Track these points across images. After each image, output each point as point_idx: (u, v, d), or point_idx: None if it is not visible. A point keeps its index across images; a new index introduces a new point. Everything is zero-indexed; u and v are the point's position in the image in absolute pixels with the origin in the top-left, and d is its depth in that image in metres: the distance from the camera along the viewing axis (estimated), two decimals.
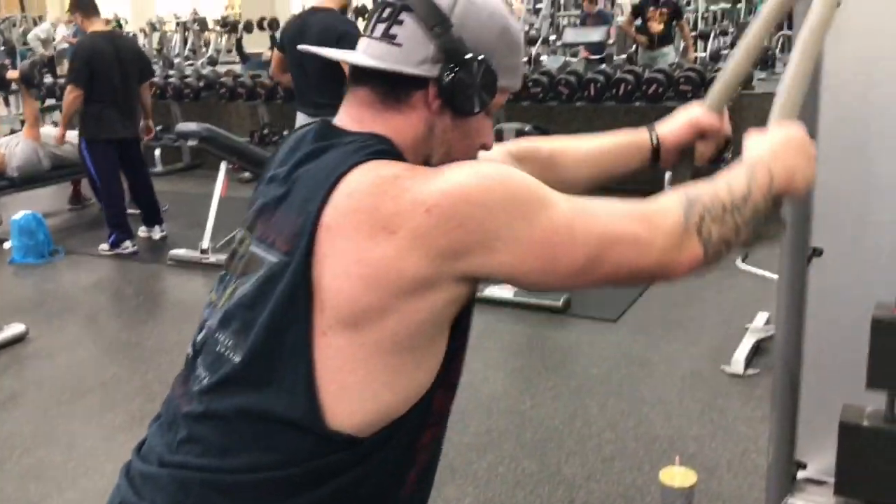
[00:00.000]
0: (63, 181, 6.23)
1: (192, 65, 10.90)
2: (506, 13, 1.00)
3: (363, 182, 0.90)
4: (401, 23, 0.96)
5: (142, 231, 5.46)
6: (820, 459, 2.07)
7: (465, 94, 0.95)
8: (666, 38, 8.16)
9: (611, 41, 9.71)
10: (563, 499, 2.51)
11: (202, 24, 13.25)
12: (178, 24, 14.29)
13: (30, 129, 5.64)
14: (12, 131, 6.17)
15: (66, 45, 13.44)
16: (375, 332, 0.89)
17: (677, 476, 2.21)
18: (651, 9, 8.18)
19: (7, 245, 5.25)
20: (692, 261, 0.95)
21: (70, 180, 6.29)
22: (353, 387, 0.91)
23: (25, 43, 14.80)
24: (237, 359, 0.94)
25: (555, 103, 6.03)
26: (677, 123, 1.32)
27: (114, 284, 4.77)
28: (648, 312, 3.90)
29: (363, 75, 1.00)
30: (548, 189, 0.93)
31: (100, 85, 4.91)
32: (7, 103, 11.32)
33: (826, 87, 1.86)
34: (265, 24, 10.44)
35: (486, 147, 1.05)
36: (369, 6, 11.54)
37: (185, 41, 13.23)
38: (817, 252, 1.97)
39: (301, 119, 4.08)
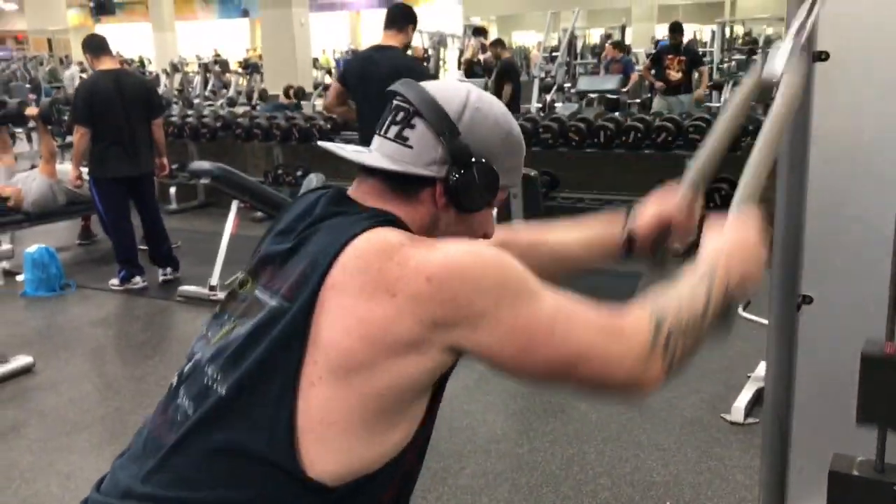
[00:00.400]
0: (76, 217, 6.32)
1: (211, 105, 11.10)
2: (509, 119, 1.09)
3: (372, 246, 0.96)
4: (413, 127, 1.04)
5: (161, 275, 5.42)
6: None
7: (469, 193, 1.04)
8: (685, 87, 8.24)
9: (625, 89, 9.83)
10: None
11: (223, 65, 13.54)
12: (200, 65, 14.61)
13: (45, 165, 5.75)
14: (32, 167, 6.27)
15: None
16: (363, 387, 0.94)
17: None
18: (669, 56, 8.31)
19: (20, 278, 5.32)
20: (654, 381, 1.00)
21: (80, 216, 6.38)
22: (332, 439, 0.94)
23: (51, 81, 15.14)
24: (222, 391, 0.97)
25: (565, 149, 6.09)
26: (649, 217, 1.35)
27: (122, 319, 4.82)
28: None
29: (375, 170, 1.07)
30: (538, 283, 0.99)
31: (102, 123, 4.92)
32: (29, 139, 11.56)
33: (815, 139, 1.88)
34: (291, 93, 10.58)
35: (488, 236, 1.13)
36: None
37: (205, 82, 13.51)
38: (807, 300, 1.99)
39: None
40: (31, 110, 6.01)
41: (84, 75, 14.86)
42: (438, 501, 2.75)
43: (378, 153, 1.07)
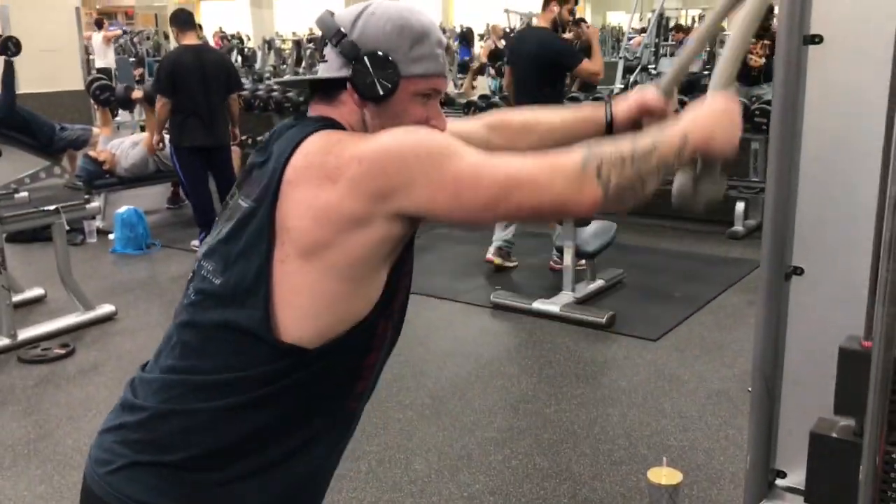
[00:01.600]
0: (165, 182, 6.76)
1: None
2: (407, 16, 1.24)
3: (315, 145, 1.17)
4: (325, 45, 1.25)
5: None
6: (801, 470, 2.17)
7: (366, 83, 1.20)
8: (766, 74, 7.73)
9: (706, 72, 9.69)
10: (567, 493, 2.67)
11: (317, 42, 13.89)
12: (293, 42, 15.05)
13: (148, 141, 6.19)
14: (133, 132, 6.75)
15: None
16: (321, 262, 1.14)
17: (664, 475, 2.35)
18: (752, 40, 7.95)
19: (111, 236, 5.77)
20: (591, 199, 1.13)
21: (171, 182, 6.81)
22: (301, 307, 1.15)
23: (154, 55, 15.83)
24: (217, 281, 1.20)
25: (637, 131, 6.14)
26: (627, 103, 1.52)
27: None
28: (691, 334, 3.99)
29: (314, 87, 1.29)
30: (461, 145, 1.16)
31: (182, 95, 5.25)
32: (131, 111, 12.23)
33: (807, 115, 1.98)
34: None
35: (438, 128, 1.26)
36: None
37: (298, 59, 13.94)
38: (798, 271, 2.09)
39: None
40: (137, 93, 6.43)
41: None
42: (464, 450, 2.95)
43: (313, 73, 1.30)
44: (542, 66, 4.83)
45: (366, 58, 1.20)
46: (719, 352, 3.78)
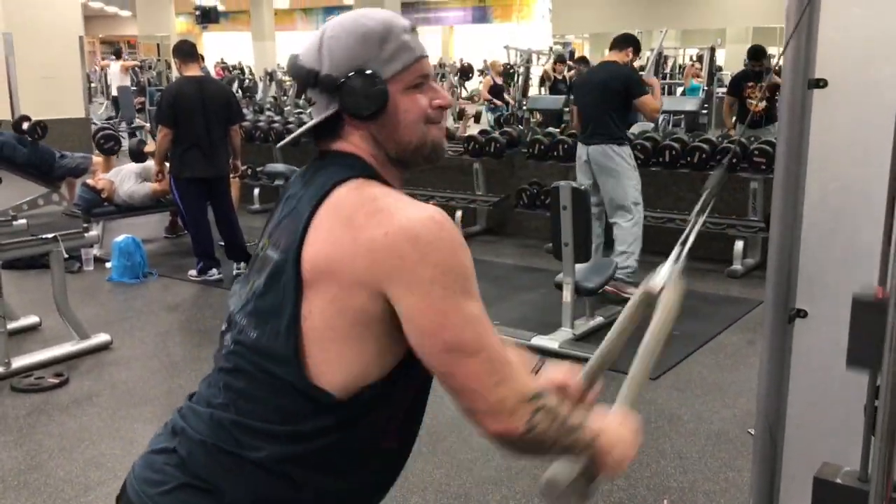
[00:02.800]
0: (163, 211, 6.76)
1: (302, 113, 11.54)
2: (361, 20, 1.21)
3: (347, 197, 1.16)
4: (306, 89, 1.23)
5: (235, 269, 5.75)
6: None
7: (359, 104, 1.18)
8: (769, 117, 7.34)
9: (704, 111, 9.78)
10: None
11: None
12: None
13: (161, 189, 6.23)
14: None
15: None
16: (336, 299, 1.12)
17: None
18: (749, 84, 7.58)
19: (108, 264, 5.75)
20: (509, 429, 1.12)
21: (169, 211, 6.82)
22: (330, 352, 1.14)
23: (155, 84, 15.91)
24: (253, 335, 1.20)
25: None
26: (549, 379, 1.43)
27: (195, 306, 5.16)
28: (691, 373, 3.97)
29: (316, 133, 1.26)
30: (474, 283, 1.14)
31: (184, 126, 5.26)
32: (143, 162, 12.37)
33: (813, 159, 1.99)
34: None
35: (441, 107, 1.25)
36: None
37: (299, 91, 14.02)
38: (801, 313, 2.08)
39: (580, 150, 5.31)
40: (150, 147, 6.47)
41: None
42: (461, 489, 2.92)
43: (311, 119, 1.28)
44: (610, 91, 5.08)
45: (346, 82, 1.18)
46: (719, 392, 3.75)
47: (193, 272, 5.66)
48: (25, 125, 7.24)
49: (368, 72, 1.18)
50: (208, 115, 5.35)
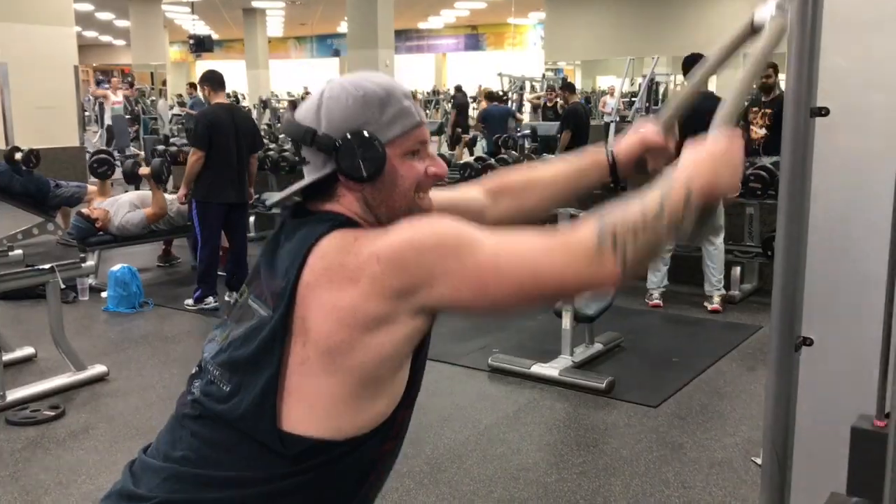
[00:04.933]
0: (157, 240, 6.74)
1: None
2: (363, 84, 1.20)
3: (332, 246, 1.14)
4: (300, 147, 1.22)
5: (227, 296, 5.74)
6: None
7: (356, 165, 1.17)
8: (767, 146, 6.42)
9: None
10: None
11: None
12: (289, 102, 15.24)
13: (151, 213, 6.23)
14: (127, 190, 6.77)
15: (180, 114, 14.51)
16: (345, 364, 1.11)
17: None
18: (753, 109, 6.97)
19: (104, 294, 5.72)
20: (611, 276, 1.11)
21: (163, 240, 6.81)
22: (321, 407, 1.13)
23: (148, 112, 15.94)
24: (226, 389, 1.18)
25: (627, 192, 6.19)
26: (628, 141, 1.50)
27: (191, 337, 5.12)
28: (692, 401, 3.95)
29: (307, 192, 1.25)
30: (475, 232, 1.13)
31: (216, 151, 5.35)
32: (137, 186, 12.35)
33: (816, 186, 1.99)
34: None
35: (436, 176, 1.24)
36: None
37: None
38: (807, 342, 2.07)
39: None
40: (144, 170, 6.47)
41: (178, 109, 15.68)
42: None
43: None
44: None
45: (344, 143, 1.16)
46: (721, 420, 3.73)
47: (190, 301, 5.62)
48: (18, 155, 7.23)
49: (367, 134, 1.17)
50: (239, 141, 5.47)
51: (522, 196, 1.48)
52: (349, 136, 1.16)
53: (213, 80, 5.60)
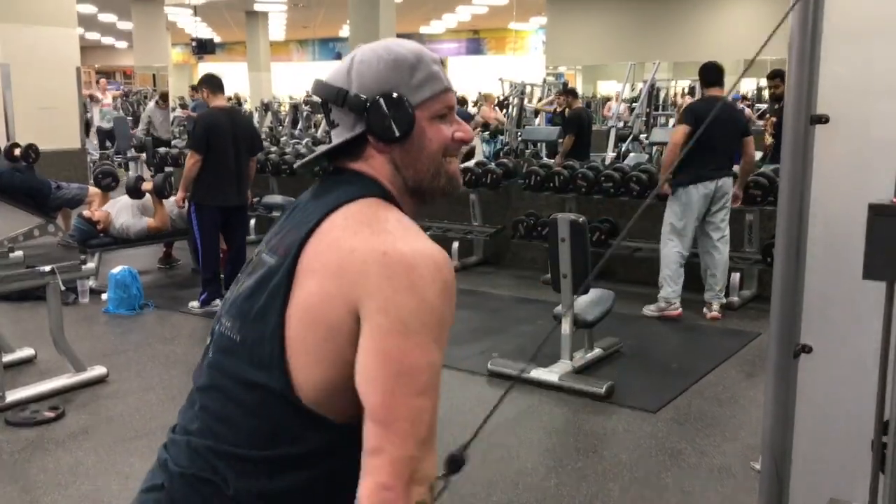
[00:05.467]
0: (157, 243, 6.75)
1: (298, 143, 11.57)
2: (394, 49, 1.23)
3: (359, 211, 1.16)
4: (330, 110, 1.24)
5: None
6: None
7: (385, 125, 1.19)
8: (776, 155, 6.61)
9: None
10: None
11: (314, 106, 14.05)
12: (290, 105, 15.25)
13: (154, 226, 6.26)
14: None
15: (183, 117, 14.52)
16: (326, 321, 1.10)
17: None
18: (767, 117, 7.20)
19: (104, 296, 5.72)
20: (395, 498, 1.05)
21: (164, 242, 6.83)
22: (313, 370, 1.12)
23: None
24: (237, 337, 1.18)
25: (626, 198, 6.21)
26: None
27: (191, 339, 5.13)
28: (690, 406, 3.95)
29: (336, 155, 1.27)
30: (446, 335, 1.11)
31: (214, 154, 5.36)
32: (127, 168, 12.34)
33: (816, 198, 2.00)
34: None
35: (462, 140, 1.25)
36: None
37: (294, 121, 14.10)
38: (806, 349, 2.08)
39: (708, 184, 5.28)
40: (147, 185, 6.48)
41: (180, 111, 15.67)
42: None
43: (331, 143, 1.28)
44: (738, 128, 5.36)
45: (376, 102, 1.19)
46: (719, 425, 3.74)
47: (195, 304, 5.62)
48: (17, 151, 7.24)
49: (397, 95, 1.19)
50: (237, 144, 5.48)
51: None
52: (379, 97, 1.19)
53: (212, 84, 5.60)
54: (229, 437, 1.16)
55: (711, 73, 5.32)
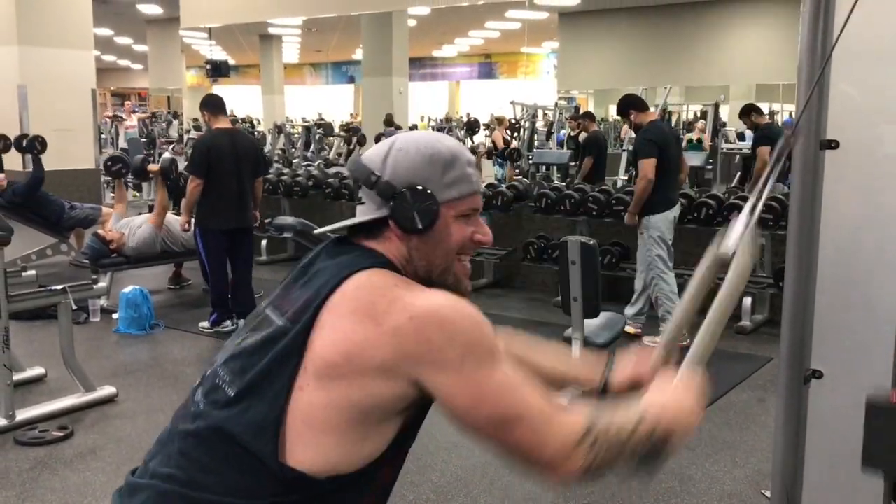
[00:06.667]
0: (169, 263, 6.78)
1: (310, 165, 11.62)
2: (433, 144, 1.26)
3: (369, 282, 1.17)
4: (360, 188, 1.28)
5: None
6: None
7: (408, 215, 1.23)
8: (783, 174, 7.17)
9: (709, 166, 9.86)
10: None
11: (327, 128, 14.15)
12: (303, 127, 15.34)
13: (156, 216, 6.25)
14: (139, 213, 6.81)
15: (195, 139, 14.63)
16: (339, 396, 1.12)
17: None
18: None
19: (115, 316, 5.74)
20: (571, 473, 1.15)
21: (174, 262, 6.85)
22: (310, 437, 1.13)
23: (163, 136, 16.09)
24: (231, 392, 1.18)
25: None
26: (624, 376, 1.48)
27: (201, 359, 5.13)
28: (701, 431, 3.91)
29: (356, 230, 1.31)
30: (502, 352, 1.17)
31: (215, 177, 5.34)
32: (140, 189, 12.44)
33: (826, 224, 1.99)
34: None
35: (481, 243, 1.30)
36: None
37: (307, 143, 14.19)
38: (817, 374, 2.06)
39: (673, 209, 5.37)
40: (153, 167, 6.52)
41: (194, 133, 15.82)
42: None
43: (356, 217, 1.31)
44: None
45: (404, 193, 1.22)
46: (730, 451, 3.70)
47: (206, 324, 5.62)
48: (24, 142, 7.31)
49: (428, 190, 1.23)
50: (240, 166, 5.43)
51: None
52: (409, 188, 1.22)
53: (213, 105, 5.56)
54: (208, 483, 1.15)
55: (640, 101, 5.53)
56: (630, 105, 5.50)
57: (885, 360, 1.93)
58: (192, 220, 5.57)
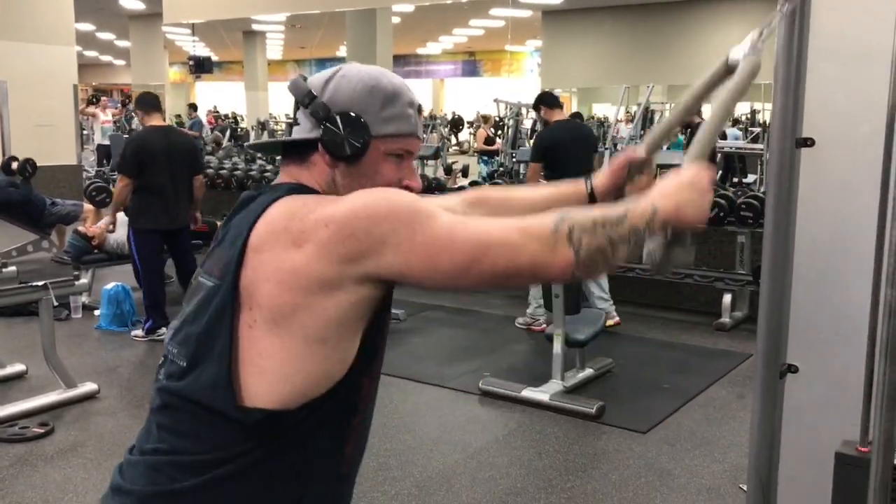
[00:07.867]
0: None
1: None
2: (378, 76, 1.25)
3: (278, 211, 1.16)
4: (297, 108, 1.27)
5: None
6: None
7: (336, 143, 1.21)
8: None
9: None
10: None
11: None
12: (287, 124, 15.31)
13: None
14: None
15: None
16: (291, 325, 1.12)
17: None
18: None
19: (97, 312, 5.71)
20: (563, 261, 1.11)
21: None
22: (273, 371, 1.14)
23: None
24: (183, 363, 1.20)
25: None
26: (610, 169, 1.50)
27: None
28: (681, 427, 3.96)
29: (286, 149, 1.31)
30: (433, 205, 1.15)
31: (147, 176, 5.16)
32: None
33: (801, 215, 2.02)
34: None
35: (410, 188, 1.27)
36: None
37: None
38: (792, 369, 2.09)
39: None
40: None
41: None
42: None
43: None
44: (593, 145, 5.76)
45: (336, 118, 1.21)
46: (709, 446, 3.74)
47: (139, 332, 5.40)
48: (14, 165, 7.27)
49: (362, 119, 1.22)
50: (173, 165, 5.24)
51: (499, 211, 1.48)
52: (342, 113, 1.21)
53: (146, 103, 5.41)
54: (186, 446, 1.18)
55: (552, 99, 5.62)
56: (541, 101, 5.65)
57: (858, 355, 1.97)
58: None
